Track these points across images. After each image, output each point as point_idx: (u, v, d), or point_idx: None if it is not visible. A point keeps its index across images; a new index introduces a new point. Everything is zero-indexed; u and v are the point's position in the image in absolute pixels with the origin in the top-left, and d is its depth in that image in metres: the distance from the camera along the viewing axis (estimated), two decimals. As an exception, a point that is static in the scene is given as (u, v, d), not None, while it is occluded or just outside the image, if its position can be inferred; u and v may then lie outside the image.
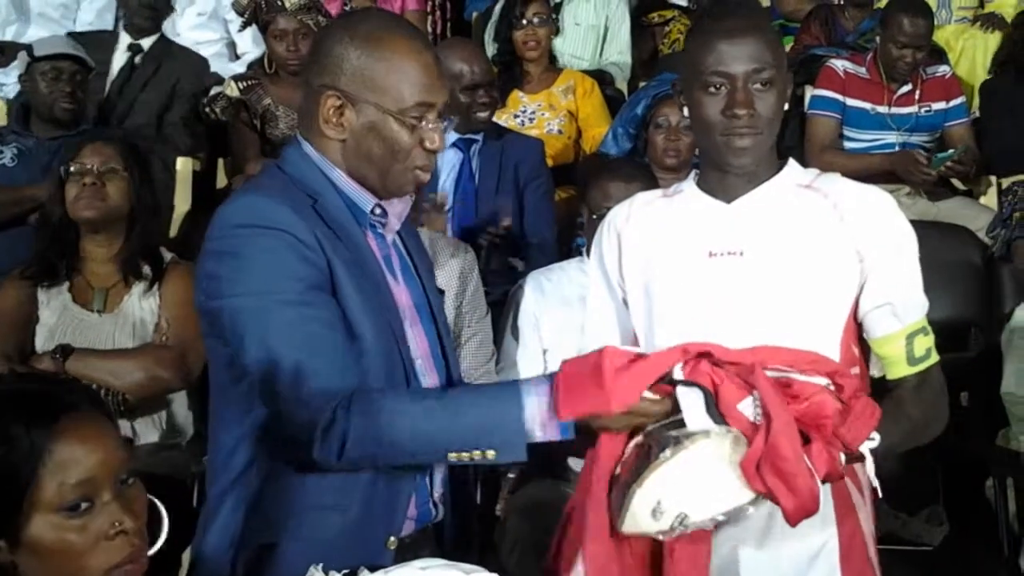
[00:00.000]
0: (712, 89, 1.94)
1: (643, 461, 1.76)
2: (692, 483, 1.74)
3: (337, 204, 1.92)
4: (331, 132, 1.90)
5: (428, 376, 2.00)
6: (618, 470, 1.82)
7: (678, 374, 1.77)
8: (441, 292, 2.15)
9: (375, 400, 1.81)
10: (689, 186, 2.08)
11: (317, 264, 1.85)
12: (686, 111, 2.02)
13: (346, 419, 1.78)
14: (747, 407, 1.76)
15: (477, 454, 1.77)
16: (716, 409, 1.75)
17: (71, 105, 4.28)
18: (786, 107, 2.02)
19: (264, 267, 1.83)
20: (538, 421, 1.77)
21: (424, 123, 1.90)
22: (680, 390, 1.76)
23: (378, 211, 1.96)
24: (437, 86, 1.92)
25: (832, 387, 1.83)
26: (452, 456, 1.79)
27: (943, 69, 4.76)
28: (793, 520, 1.77)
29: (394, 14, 2.11)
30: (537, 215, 3.89)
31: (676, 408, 1.76)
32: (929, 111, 4.64)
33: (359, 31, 1.92)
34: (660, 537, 1.78)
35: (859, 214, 1.97)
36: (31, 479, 1.45)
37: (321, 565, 1.67)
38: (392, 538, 1.92)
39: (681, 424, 1.75)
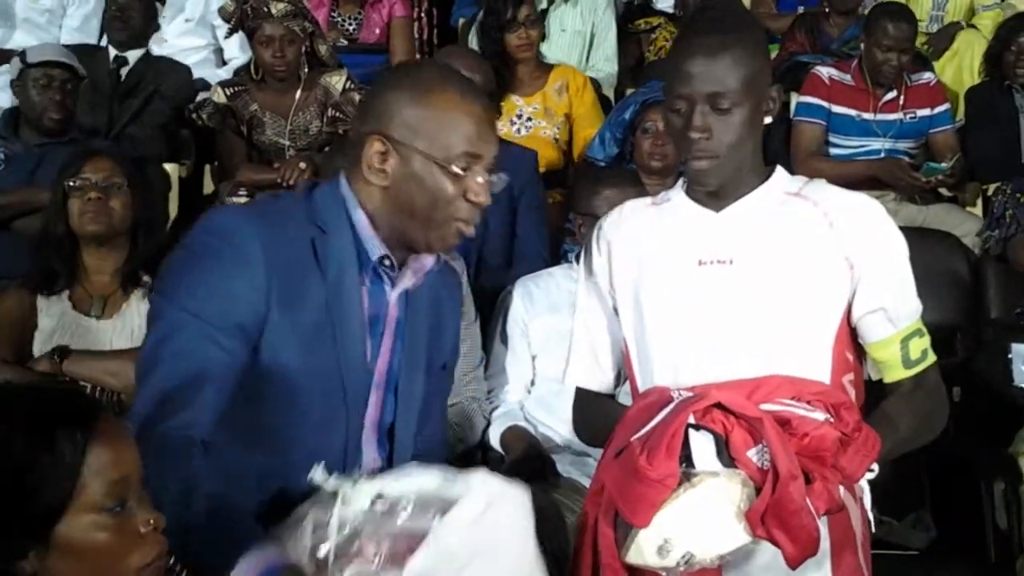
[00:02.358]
0: (676, 109, 1.94)
1: None
2: (700, 522, 1.77)
3: (343, 245, 1.89)
4: (374, 178, 1.88)
5: (367, 448, 1.95)
6: None
7: (691, 418, 1.81)
8: (444, 366, 2.09)
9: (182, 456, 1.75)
10: (677, 194, 2.08)
11: (255, 303, 1.83)
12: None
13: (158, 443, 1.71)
14: (755, 454, 1.79)
15: None
16: (727, 453, 1.79)
17: (60, 113, 4.30)
18: (769, 120, 2.00)
19: (206, 281, 1.83)
20: None
21: (470, 175, 1.87)
22: (692, 433, 1.79)
23: (387, 263, 1.92)
24: (486, 139, 1.89)
25: (833, 419, 1.85)
26: None
27: (927, 76, 4.79)
28: (794, 564, 1.80)
29: (448, 67, 2.14)
30: (530, 228, 3.90)
31: (686, 449, 1.79)
32: (914, 117, 4.67)
33: (412, 81, 1.92)
34: (663, 574, 1.81)
35: (848, 221, 1.97)
36: (75, 481, 1.47)
37: (323, 464, 1.65)
38: None
39: (689, 464, 1.78)
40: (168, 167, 4.63)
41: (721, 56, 1.91)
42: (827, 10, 5.46)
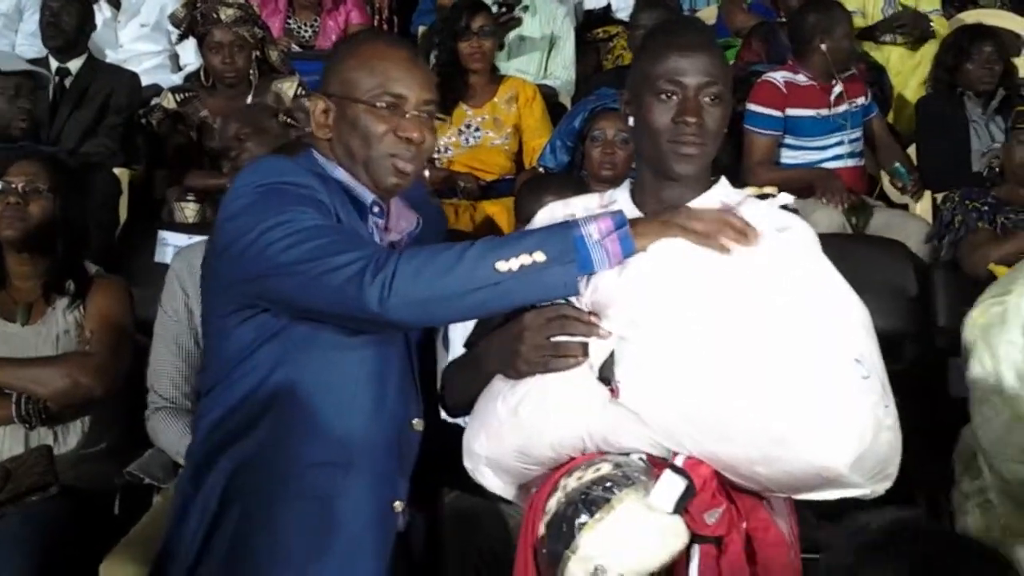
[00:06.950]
0: (664, 97, 1.98)
1: (569, 525, 1.80)
2: (625, 543, 1.77)
3: (340, 195, 2.00)
4: (321, 133, 2.04)
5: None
6: (542, 530, 1.86)
7: (679, 461, 1.82)
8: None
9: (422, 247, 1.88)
10: (623, 195, 2.09)
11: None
12: (624, 123, 2.07)
13: (396, 259, 1.81)
14: (711, 516, 1.81)
15: (525, 258, 1.78)
16: (684, 503, 1.80)
17: (27, 122, 4.31)
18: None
19: (289, 200, 1.91)
20: (595, 234, 1.82)
21: (396, 113, 2.00)
22: (668, 473, 1.80)
23: (376, 209, 2.03)
24: (408, 80, 2.02)
25: None
26: (500, 266, 1.78)
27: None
28: None
29: (379, 29, 2.29)
30: None
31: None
32: (856, 107, 4.69)
33: (348, 43, 2.16)
34: None
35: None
36: None
37: None
38: (397, 503, 2.01)
39: (601, 482, 1.79)
40: (118, 171, 4.62)
41: (710, 52, 2.02)
42: (783, 20, 5.47)
